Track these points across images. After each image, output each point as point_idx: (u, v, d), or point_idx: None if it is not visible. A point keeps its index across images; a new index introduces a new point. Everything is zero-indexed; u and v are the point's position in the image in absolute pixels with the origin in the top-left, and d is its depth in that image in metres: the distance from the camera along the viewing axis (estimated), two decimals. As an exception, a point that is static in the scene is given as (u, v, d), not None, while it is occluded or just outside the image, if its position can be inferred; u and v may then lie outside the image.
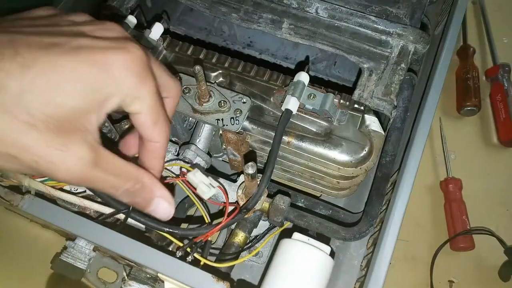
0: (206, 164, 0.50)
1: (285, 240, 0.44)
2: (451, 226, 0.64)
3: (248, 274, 0.55)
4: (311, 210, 0.53)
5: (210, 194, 0.44)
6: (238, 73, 0.52)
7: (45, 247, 0.59)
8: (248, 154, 0.51)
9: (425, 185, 0.69)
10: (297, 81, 0.48)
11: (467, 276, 0.62)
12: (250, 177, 0.42)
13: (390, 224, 0.45)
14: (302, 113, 0.49)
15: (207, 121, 0.46)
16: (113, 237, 0.41)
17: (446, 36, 0.56)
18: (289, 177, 0.55)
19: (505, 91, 0.73)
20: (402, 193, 0.47)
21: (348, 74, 0.65)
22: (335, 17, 0.54)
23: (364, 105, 0.49)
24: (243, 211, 0.44)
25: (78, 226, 0.42)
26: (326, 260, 0.42)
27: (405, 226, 0.46)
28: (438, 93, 0.52)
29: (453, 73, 0.78)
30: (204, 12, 0.55)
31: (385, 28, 0.53)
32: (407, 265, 0.63)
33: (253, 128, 0.49)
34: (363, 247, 0.54)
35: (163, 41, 0.53)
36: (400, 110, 0.53)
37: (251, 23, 0.54)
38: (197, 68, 0.42)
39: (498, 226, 0.65)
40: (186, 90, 0.47)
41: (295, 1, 0.55)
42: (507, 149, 0.72)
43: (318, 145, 0.48)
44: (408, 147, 0.50)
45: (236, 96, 0.47)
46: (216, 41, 0.68)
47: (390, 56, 0.51)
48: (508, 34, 0.82)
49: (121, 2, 0.56)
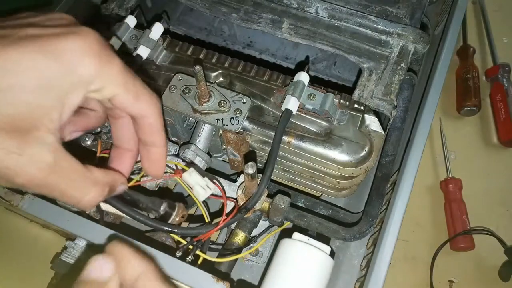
0: (206, 164, 0.50)
1: (285, 240, 0.44)
2: (451, 226, 0.64)
3: (248, 274, 0.55)
4: (311, 210, 0.53)
5: (205, 196, 0.44)
6: (238, 73, 0.52)
7: (45, 247, 0.59)
8: (248, 154, 0.51)
9: (425, 185, 0.69)
10: (297, 81, 0.48)
11: (467, 276, 0.62)
12: (250, 177, 0.42)
13: (390, 224, 0.45)
14: (302, 113, 0.49)
15: (207, 121, 0.46)
16: (113, 237, 0.41)
17: (446, 36, 0.56)
18: (289, 177, 0.55)
19: (505, 91, 0.73)
20: (402, 193, 0.47)
21: (348, 74, 0.65)
22: (335, 17, 0.54)
23: (364, 105, 0.49)
24: (242, 211, 0.44)
25: (78, 226, 0.42)
26: (326, 260, 0.42)
27: (405, 226, 0.46)
28: (438, 93, 0.52)
29: (453, 73, 0.78)
30: (204, 12, 0.55)
31: (385, 28, 0.53)
32: (407, 265, 0.63)
33: (253, 128, 0.49)
34: (363, 247, 0.54)
35: (163, 41, 0.53)
36: (400, 110, 0.53)
37: (251, 23, 0.54)
38: (197, 68, 0.42)
39: (498, 226, 0.65)
40: (186, 90, 0.47)
41: (295, 1, 0.55)
42: (507, 149, 0.71)
43: (318, 145, 0.48)
44: (408, 147, 0.50)
45: (236, 96, 0.47)
46: (216, 41, 0.68)
47: (390, 56, 0.51)
48: (508, 34, 0.82)
49: (121, 2, 0.56)
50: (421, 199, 0.67)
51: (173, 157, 0.48)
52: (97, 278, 0.27)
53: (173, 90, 0.47)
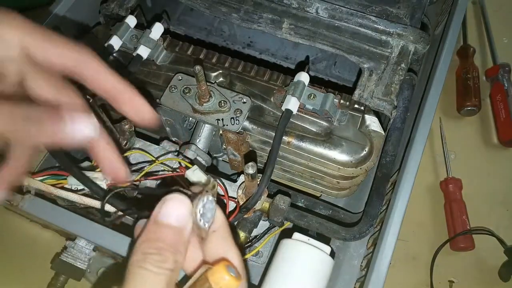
0: (206, 163, 0.50)
1: (285, 240, 0.44)
2: (451, 226, 0.64)
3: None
4: (311, 210, 0.53)
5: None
6: (238, 73, 0.52)
7: (45, 247, 0.59)
8: (248, 154, 0.51)
9: (425, 185, 0.69)
10: (297, 81, 0.48)
11: (467, 276, 0.62)
12: (250, 177, 0.42)
13: (390, 224, 0.45)
14: (302, 113, 0.49)
15: (207, 121, 0.46)
16: (113, 237, 0.41)
17: (446, 36, 0.56)
18: (289, 177, 0.55)
19: (505, 91, 0.73)
20: (402, 193, 0.47)
21: (348, 74, 0.65)
22: (335, 17, 0.54)
23: (364, 105, 0.49)
24: (243, 210, 0.44)
25: (78, 226, 0.42)
26: (326, 260, 0.42)
27: (405, 226, 0.46)
28: (438, 93, 0.52)
29: (453, 73, 0.78)
30: (204, 12, 0.55)
31: (385, 28, 0.53)
32: (407, 265, 0.63)
33: (253, 128, 0.49)
34: (363, 247, 0.54)
35: (163, 41, 0.53)
36: (400, 110, 0.53)
37: (251, 23, 0.54)
38: (197, 68, 0.42)
39: (498, 226, 0.65)
40: (187, 90, 0.47)
41: (295, 1, 0.55)
42: (507, 149, 0.72)
43: (318, 145, 0.48)
44: (408, 147, 0.50)
45: (236, 96, 0.47)
46: (216, 41, 0.68)
47: (390, 56, 0.51)
48: (508, 34, 0.82)
49: (121, 2, 0.56)
50: (421, 199, 0.67)
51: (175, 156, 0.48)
52: (170, 222, 0.27)
53: (173, 90, 0.47)
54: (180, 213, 0.28)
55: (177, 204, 0.28)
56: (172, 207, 0.28)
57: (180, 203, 0.28)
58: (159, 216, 0.28)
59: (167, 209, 0.28)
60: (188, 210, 0.28)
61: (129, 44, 0.52)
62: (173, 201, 0.28)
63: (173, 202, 0.28)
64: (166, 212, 0.28)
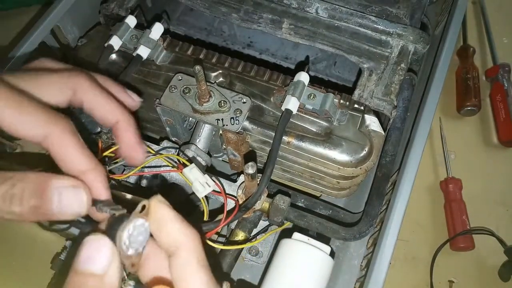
0: (206, 163, 0.50)
1: (285, 240, 0.44)
2: (451, 226, 0.64)
3: (248, 274, 0.55)
4: (311, 210, 0.53)
5: (204, 193, 0.44)
6: (238, 73, 0.52)
7: (45, 247, 0.59)
8: (248, 154, 0.51)
9: (425, 185, 0.69)
10: (297, 81, 0.48)
11: (467, 276, 0.62)
12: (250, 177, 0.42)
13: (390, 224, 0.45)
14: (302, 113, 0.49)
15: (207, 121, 0.46)
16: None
17: (446, 36, 0.56)
18: (289, 177, 0.55)
19: (505, 91, 0.73)
20: (402, 193, 0.47)
21: (348, 74, 0.65)
22: (335, 17, 0.54)
23: (364, 105, 0.49)
24: (242, 209, 0.44)
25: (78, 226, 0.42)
26: (326, 260, 0.42)
27: (405, 226, 0.46)
28: (438, 93, 0.52)
29: (453, 73, 0.78)
30: (204, 12, 0.55)
31: (385, 28, 0.53)
32: (407, 265, 0.63)
33: (253, 128, 0.49)
34: (363, 247, 0.54)
35: (163, 41, 0.53)
36: (400, 110, 0.53)
37: (251, 23, 0.54)
38: (197, 68, 0.42)
39: (498, 226, 0.65)
40: (186, 90, 0.47)
41: (295, 1, 0.55)
42: (507, 149, 0.71)
43: (318, 145, 0.48)
44: (408, 147, 0.50)
45: (236, 96, 0.47)
46: (216, 41, 0.68)
47: (390, 56, 0.51)
48: (508, 34, 0.82)
49: (121, 2, 0.56)
50: (421, 199, 0.67)
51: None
52: (91, 269, 0.24)
53: (173, 90, 0.47)
54: (102, 256, 0.25)
55: (95, 247, 0.25)
56: (91, 251, 0.25)
57: (99, 245, 0.25)
58: (79, 264, 0.24)
59: (87, 254, 0.25)
60: (110, 251, 0.25)
61: (129, 44, 0.52)
62: (90, 243, 0.25)
63: (90, 245, 0.25)
64: (86, 259, 0.25)
